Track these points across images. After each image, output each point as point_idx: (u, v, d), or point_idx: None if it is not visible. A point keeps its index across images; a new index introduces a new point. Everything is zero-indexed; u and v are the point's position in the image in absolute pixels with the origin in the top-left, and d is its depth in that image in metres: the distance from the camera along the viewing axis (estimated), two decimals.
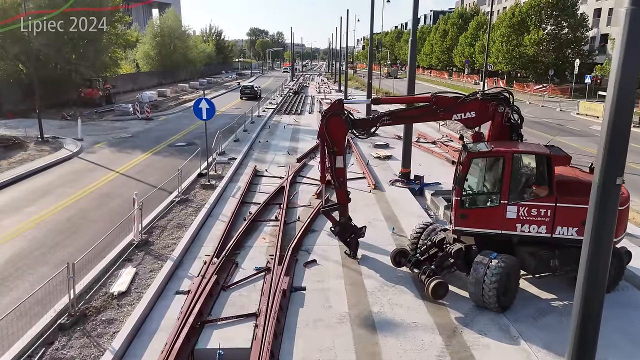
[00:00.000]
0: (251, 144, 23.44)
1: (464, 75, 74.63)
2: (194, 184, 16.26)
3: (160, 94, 48.62)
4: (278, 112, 37.22)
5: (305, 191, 15.66)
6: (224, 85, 67.84)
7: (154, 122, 31.89)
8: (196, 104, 15.96)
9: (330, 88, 63.60)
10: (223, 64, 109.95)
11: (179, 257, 10.34)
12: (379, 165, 19.64)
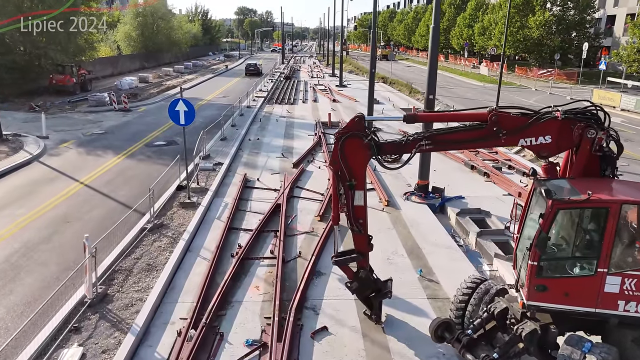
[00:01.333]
0: (240, 143, 20.68)
1: (460, 58, 71.82)
2: (172, 201, 13.57)
3: (141, 79, 45.30)
4: (269, 101, 34.30)
5: (305, 210, 13.07)
6: (211, 69, 64.36)
7: (132, 114, 28.88)
8: (172, 105, 13.14)
9: (323, 72, 60.49)
10: (210, 45, 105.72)
11: (145, 325, 7.75)
12: (388, 171, 17.04)
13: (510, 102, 34.99)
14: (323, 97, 36.61)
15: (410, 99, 36.36)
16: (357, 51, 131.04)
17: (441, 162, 17.87)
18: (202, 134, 17.72)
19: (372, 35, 23.68)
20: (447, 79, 53.61)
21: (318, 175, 16.25)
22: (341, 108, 31.52)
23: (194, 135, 21.94)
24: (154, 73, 51.71)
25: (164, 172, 14.49)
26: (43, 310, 7.49)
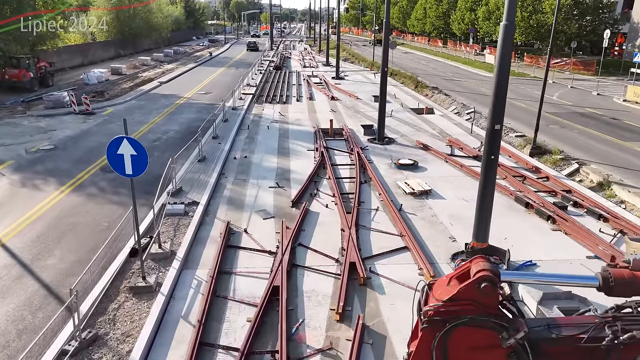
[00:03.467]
0: (223, 166, 16.36)
1: (461, 44, 67.41)
2: (119, 282, 9.32)
3: (114, 71, 40.37)
4: (258, 99, 29.81)
5: (316, 295, 8.92)
6: (194, 56, 59.26)
7: (96, 118, 24.27)
8: (112, 147, 8.68)
9: (315, 60, 55.78)
10: (193, 29, 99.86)
11: None
12: (416, 209, 12.95)
13: (531, 98, 30.98)
14: (319, 93, 32.20)
15: (418, 96, 32.09)
16: (349, 34, 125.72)
17: (475, 190, 13.76)
18: (171, 161, 13.34)
19: (384, 27, 19.33)
20: (452, 69, 49.36)
21: (326, 220, 12.10)
22: (342, 108, 27.21)
23: (165, 154, 17.70)
24: (129, 63, 46.68)
25: (118, 217, 10.22)
26: None
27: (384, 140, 19.95)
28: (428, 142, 19.91)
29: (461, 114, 26.34)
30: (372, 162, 17.11)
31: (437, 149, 18.75)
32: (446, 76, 43.15)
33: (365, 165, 16.39)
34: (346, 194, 13.97)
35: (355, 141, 19.49)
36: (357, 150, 17.93)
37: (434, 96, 31.67)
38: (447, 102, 29.19)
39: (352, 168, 16.34)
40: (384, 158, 17.62)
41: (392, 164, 16.82)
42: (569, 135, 22.12)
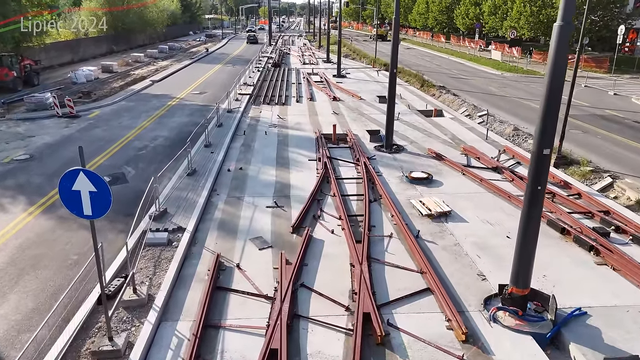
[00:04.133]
0: (215, 180, 14.64)
1: (464, 40, 65.51)
2: (82, 339, 7.62)
3: (104, 68, 38.50)
4: (255, 100, 28.03)
5: (323, 359, 7.28)
6: (190, 52, 57.33)
7: (80, 122, 22.49)
8: (65, 181, 6.83)
9: (315, 56, 53.91)
10: (190, 24, 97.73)
11: None
12: (435, 235, 11.25)
13: None
14: (320, 93, 30.42)
15: (425, 96, 30.32)
16: (348, 29, 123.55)
17: (509, 216, 12.05)
18: (154, 180, 11.59)
19: (394, 24, 17.54)
20: (457, 66, 47.56)
21: (333, 252, 10.41)
22: (344, 110, 25.45)
23: (151, 165, 15.96)
24: (121, 59, 44.80)
25: (91, 247, 8.54)
26: None
27: (393, 148, 18.23)
28: (440, 150, 18.20)
29: (473, 116, 24.60)
30: (381, 174, 15.40)
31: (452, 158, 17.05)
32: (452, 74, 41.37)
33: (374, 179, 14.68)
34: (354, 215, 12.27)
35: (361, 149, 17.77)
36: (363, 161, 16.22)
37: (441, 96, 29.91)
38: (457, 103, 27.44)
39: (359, 182, 14.64)
40: (394, 170, 15.91)
41: (403, 177, 15.11)
42: (592, 141, 20.40)
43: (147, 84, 33.35)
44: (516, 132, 20.75)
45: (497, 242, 10.90)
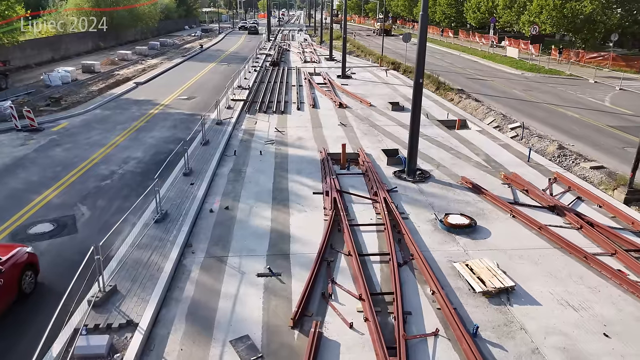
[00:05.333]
0: (191, 229, 11.18)
1: (474, 35, 61.69)
2: None
3: (85, 68, 34.89)
4: (250, 107, 24.46)
5: None
6: (183, 49, 53.62)
7: (41, 137, 19.00)
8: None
9: (317, 53, 50.21)
10: (186, 18, 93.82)
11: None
12: (499, 331, 7.79)
13: (580, 104, 25.72)
14: (324, 98, 26.88)
15: (443, 102, 26.76)
16: (350, 23, 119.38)
17: (595, 292, 8.57)
18: (94, 250, 8.08)
19: (420, 22, 13.96)
20: (470, 64, 43.91)
21: None
22: (353, 120, 21.93)
23: (113, 203, 12.43)
24: (107, 58, 41.19)
25: None
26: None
27: (417, 175, 14.75)
28: (475, 177, 14.74)
29: (503, 128, 21.08)
30: (407, 217, 11.95)
31: (492, 190, 13.59)
32: (467, 74, 37.77)
33: (400, 225, 11.23)
34: (380, 294, 8.82)
35: (378, 177, 14.31)
36: (383, 196, 12.77)
37: (461, 102, 26.36)
38: (481, 111, 23.89)
39: (381, 230, 11.20)
40: (422, 209, 12.45)
41: (437, 221, 11.65)
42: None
43: (130, 87, 29.79)
44: (561, 151, 17.24)
45: (594, 348, 7.47)
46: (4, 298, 8.16)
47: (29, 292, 8.91)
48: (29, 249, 9.24)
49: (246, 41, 66.59)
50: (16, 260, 8.65)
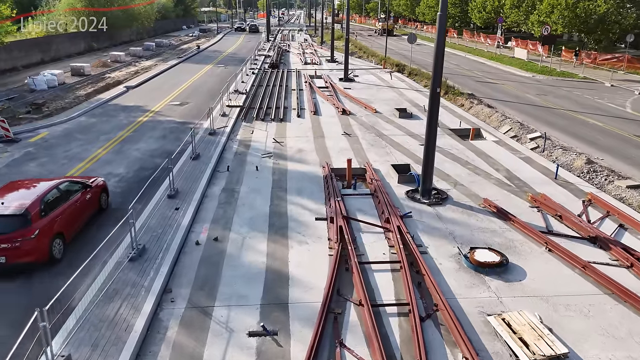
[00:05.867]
0: (172, 268, 9.48)
1: (479, 35, 59.95)
2: None
3: (74, 71, 33.20)
4: (247, 114, 22.74)
5: None
6: (179, 50, 51.92)
7: (16, 149, 17.29)
8: None
9: (318, 55, 48.48)
10: (184, 18, 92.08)
11: None
12: None
13: (599, 110, 24.01)
14: (326, 104, 25.17)
15: (452, 107, 25.03)
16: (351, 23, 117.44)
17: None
18: (38, 317, 6.39)
19: (438, 22, 12.28)
20: (477, 65, 42.16)
21: None
22: (358, 129, 20.22)
23: (86, 235, 10.65)
24: (98, 59, 39.50)
25: None
26: None
27: (433, 197, 13.05)
28: (498, 197, 13.07)
29: (521, 138, 19.35)
30: (425, 250, 10.25)
31: (520, 215, 11.88)
32: (476, 76, 36.05)
33: (418, 262, 9.54)
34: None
35: (388, 199, 12.62)
36: (396, 223, 11.08)
37: (473, 108, 24.64)
38: (496, 118, 22.17)
39: (396, 270, 9.51)
40: (442, 240, 10.75)
41: (461, 257, 9.95)
42: None
43: (120, 92, 28.09)
44: (590, 166, 15.54)
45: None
46: (91, 209, 11.77)
47: (105, 207, 12.56)
48: (102, 179, 12.92)
49: (245, 41, 64.88)
50: (97, 184, 12.34)
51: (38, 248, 9.49)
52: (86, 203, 11.45)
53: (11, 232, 9.27)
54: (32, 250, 9.39)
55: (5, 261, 9.21)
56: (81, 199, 11.31)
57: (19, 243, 9.24)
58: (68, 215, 10.59)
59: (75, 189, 11.44)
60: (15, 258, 9.29)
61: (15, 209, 9.60)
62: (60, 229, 10.18)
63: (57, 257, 9.94)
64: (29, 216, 9.59)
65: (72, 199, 10.99)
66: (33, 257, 9.45)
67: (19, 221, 9.46)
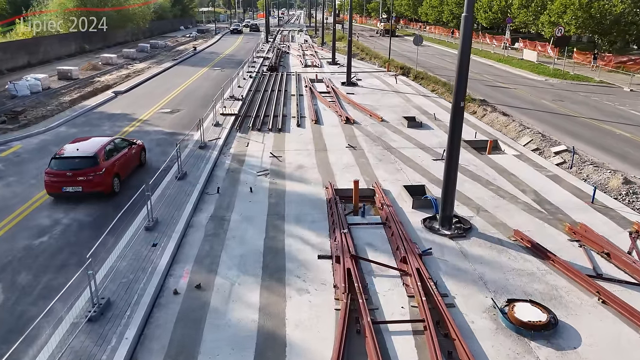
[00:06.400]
0: (141, 332, 7.65)
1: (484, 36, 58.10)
2: None
3: (62, 75, 31.36)
4: (242, 123, 20.90)
5: None
6: (175, 52, 50.08)
7: None
8: None
9: (319, 56, 46.62)
10: (181, 18, 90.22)
11: None
12: None
13: (623, 118, 22.18)
14: (328, 111, 23.35)
15: (466, 115, 23.11)
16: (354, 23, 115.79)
17: None
18: None
19: (463, 24, 10.50)
20: (485, 68, 40.33)
21: None
22: (364, 141, 18.39)
23: (41, 277, 8.82)
24: (88, 62, 37.60)
25: None
26: None
27: (454, 227, 11.23)
28: (529, 227, 11.26)
29: (544, 152, 17.50)
30: (453, 303, 8.43)
31: (558, 251, 10.07)
32: (485, 80, 34.22)
33: (446, 320, 7.72)
34: None
35: (403, 231, 10.80)
36: (415, 265, 9.28)
37: (487, 115, 22.81)
38: (513, 128, 20.33)
39: (419, 330, 7.70)
40: (471, 285, 8.93)
41: (497, 312, 8.13)
42: None
43: (108, 97, 26.28)
44: (629, 186, 13.70)
45: None
46: (135, 161, 15.03)
47: (144, 163, 15.73)
48: (141, 141, 16.24)
49: (243, 42, 63.06)
50: (139, 144, 15.60)
51: (104, 182, 12.86)
52: (132, 156, 14.85)
53: (85, 169, 12.58)
54: (100, 183, 12.73)
55: (81, 190, 12.57)
56: (129, 152, 14.63)
57: (92, 177, 12.56)
58: (122, 162, 13.95)
59: (125, 145, 14.70)
60: (89, 188, 12.60)
61: (88, 153, 12.98)
62: (117, 170, 13.53)
63: (116, 190, 13.31)
64: (97, 158, 12.89)
65: (123, 151, 14.29)
66: (101, 188, 12.81)
67: (91, 161, 12.74)
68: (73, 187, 12.47)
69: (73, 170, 12.51)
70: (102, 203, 12.81)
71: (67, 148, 13.38)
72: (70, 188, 12.48)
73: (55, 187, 12.55)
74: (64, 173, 12.47)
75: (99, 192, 12.74)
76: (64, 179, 12.43)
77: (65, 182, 12.44)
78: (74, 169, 12.52)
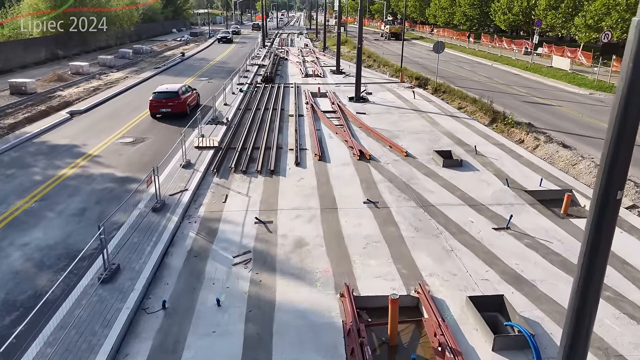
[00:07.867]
0: None
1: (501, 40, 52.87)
2: None
3: (14, 88, 26.22)
4: (222, 163, 15.72)
5: None
6: (160, 58, 44.93)
7: None
8: None
9: (321, 63, 41.40)
10: (174, 20, 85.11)
11: None
12: None
13: None
14: (335, 140, 18.18)
15: (511, 145, 17.90)
16: (354, 25, 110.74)
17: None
18: None
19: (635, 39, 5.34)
20: (512, 78, 35.08)
21: None
22: (388, 193, 13.22)
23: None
24: (53, 72, 32.41)
25: None
26: None
27: None
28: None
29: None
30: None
31: None
32: (517, 93, 29.05)
33: None
34: None
35: None
36: None
37: (540, 147, 17.62)
38: (585, 168, 15.16)
39: None
40: None
41: None
42: None
43: (59, 120, 21.11)
44: None
45: None
46: (195, 101, 23.66)
47: (200, 105, 23.10)
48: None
49: (238, 47, 57.92)
50: (197, 91, 24.62)
51: (183, 107, 21.60)
52: (194, 95, 23.60)
53: (172, 98, 21.25)
54: (181, 107, 21.43)
55: (170, 110, 21.13)
56: (193, 94, 23.40)
57: (175, 103, 21.25)
58: (190, 98, 22.63)
59: (191, 89, 23.43)
60: (174, 110, 21.22)
61: (173, 88, 22.05)
62: (188, 102, 22.27)
63: (188, 113, 21.50)
64: (179, 92, 21.73)
65: (190, 92, 22.99)
66: (181, 110, 21.43)
67: (175, 94, 21.51)
68: (165, 109, 21.13)
69: (165, 99, 21.15)
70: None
71: (159, 88, 22.23)
72: (164, 109, 21.16)
73: (155, 109, 21.25)
74: (160, 100, 21.14)
75: (180, 113, 21.20)
76: (161, 104, 21.14)
77: (161, 105, 21.17)
78: (166, 99, 21.16)
